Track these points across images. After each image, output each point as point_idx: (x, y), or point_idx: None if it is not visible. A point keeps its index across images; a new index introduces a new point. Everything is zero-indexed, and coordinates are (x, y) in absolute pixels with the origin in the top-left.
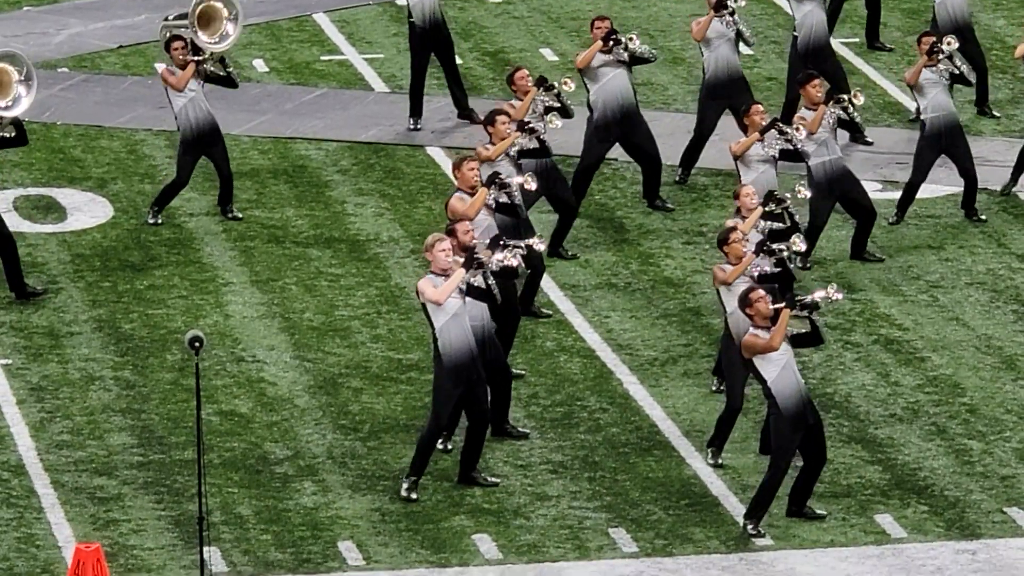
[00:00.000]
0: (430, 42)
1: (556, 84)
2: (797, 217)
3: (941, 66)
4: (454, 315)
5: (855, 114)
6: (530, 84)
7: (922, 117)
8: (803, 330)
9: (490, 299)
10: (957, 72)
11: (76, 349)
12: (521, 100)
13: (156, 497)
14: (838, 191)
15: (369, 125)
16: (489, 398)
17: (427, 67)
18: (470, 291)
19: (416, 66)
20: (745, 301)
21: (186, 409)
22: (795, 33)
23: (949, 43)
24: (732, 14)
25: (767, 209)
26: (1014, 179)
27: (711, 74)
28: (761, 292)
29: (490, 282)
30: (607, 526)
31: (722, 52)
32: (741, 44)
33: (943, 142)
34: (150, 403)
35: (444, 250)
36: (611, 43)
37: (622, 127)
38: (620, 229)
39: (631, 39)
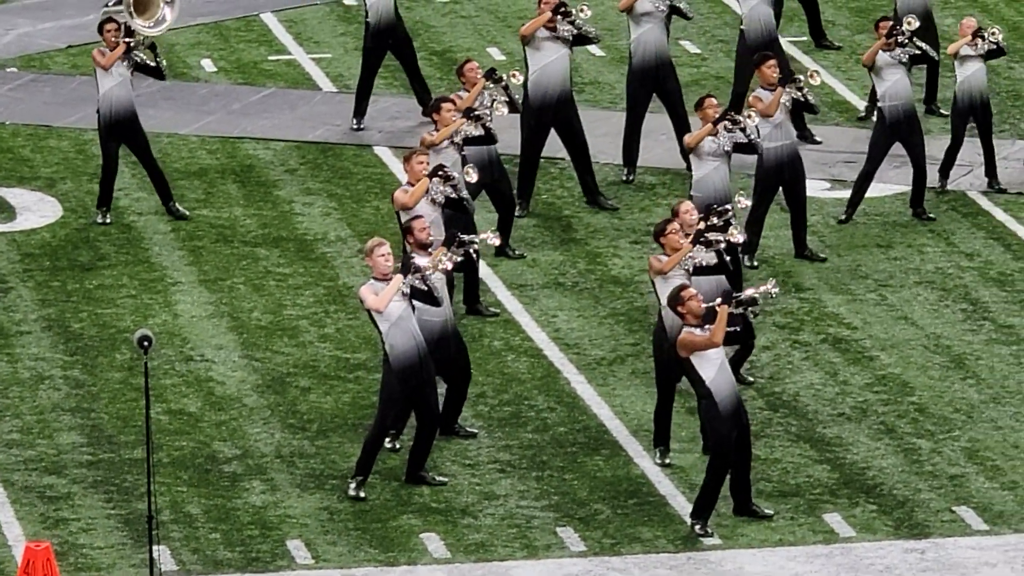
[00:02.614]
0: (385, 42)
1: (504, 77)
2: (738, 237)
3: (899, 49)
4: (398, 319)
5: (810, 95)
6: (479, 76)
7: (880, 105)
8: (734, 328)
9: (432, 301)
10: (919, 52)
11: (26, 348)
12: (469, 92)
13: (106, 496)
14: (788, 176)
15: (317, 125)
16: (439, 399)
17: (378, 69)
18: (413, 294)
19: (367, 66)
20: (677, 299)
21: (135, 408)
22: (742, 27)
23: (910, 23)
24: None
25: (710, 223)
26: (944, 176)
27: (638, 58)
28: (693, 291)
29: (431, 284)
30: (555, 525)
31: (650, 35)
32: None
33: (901, 130)
34: (99, 402)
35: (384, 255)
36: (560, 14)
37: (561, 112)
38: (567, 228)
39: (582, 10)
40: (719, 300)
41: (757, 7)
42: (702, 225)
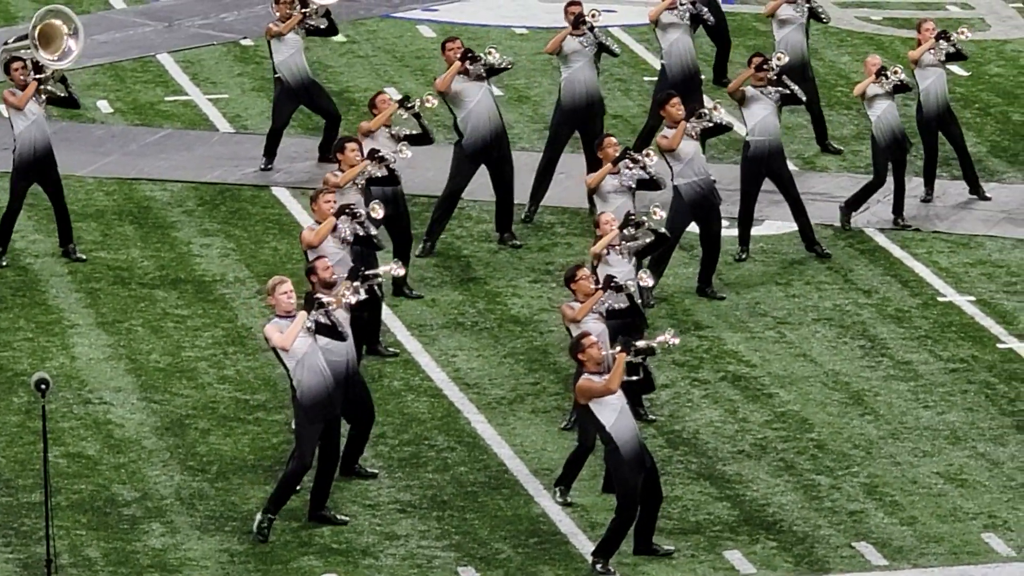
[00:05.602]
0: (297, 98)
1: (417, 102)
2: (662, 229)
3: (771, 87)
4: (304, 355)
5: (720, 120)
6: (391, 103)
7: (747, 138)
8: (635, 377)
9: (337, 336)
10: (788, 92)
11: None
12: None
13: (3, 540)
14: (703, 210)
15: (214, 165)
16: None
17: (288, 122)
18: (318, 329)
19: (279, 120)
20: (577, 347)
21: (33, 451)
22: (663, 61)
23: (779, 58)
24: (591, 29)
25: (625, 233)
26: (847, 214)
27: (566, 96)
28: (593, 338)
29: (334, 319)
30: (456, 565)
31: (580, 74)
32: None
33: (765, 166)
34: None
35: (286, 292)
36: (468, 61)
37: (493, 150)
38: (466, 268)
39: (489, 52)
40: (618, 348)
41: (678, 41)
42: (616, 234)
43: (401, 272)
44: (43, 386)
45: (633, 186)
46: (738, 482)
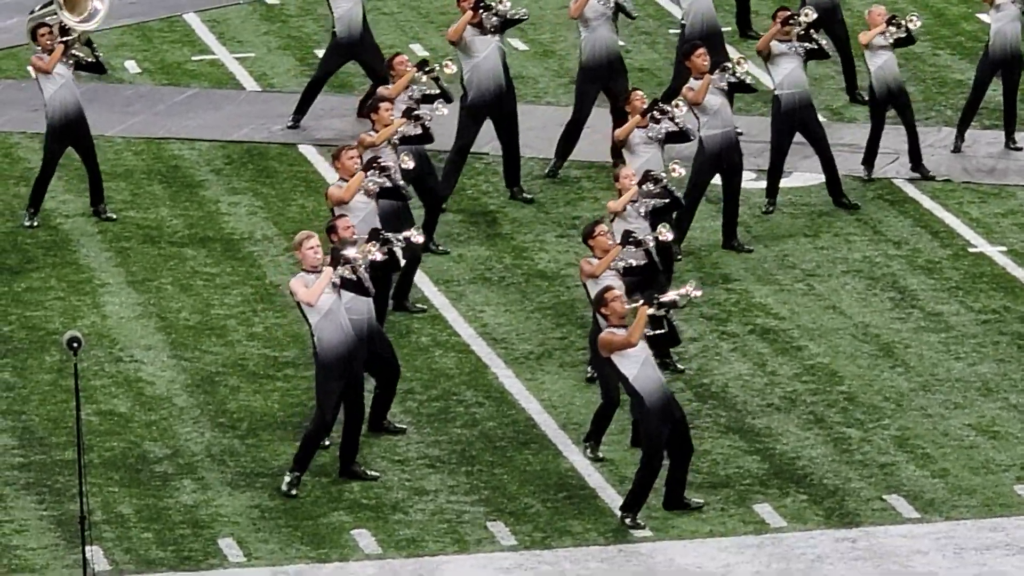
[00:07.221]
0: (350, 54)
1: (436, 67)
2: (678, 193)
3: (797, 41)
4: (328, 312)
5: (744, 76)
6: (409, 67)
7: (776, 92)
8: (659, 331)
9: (363, 291)
10: (815, 47)
11: None
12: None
13: (38, 497)
14: (726, 164)
15: (241, 124)
16: (367, 391)
17: (334, 72)
18: (344, 284)
19: (324, 71)
20: (600, 301)
21: (66, 409)
22: (683, 21)
23: (806, 15)
24: None
25: (644, 189)
26: (869, 164)
27: (588, 55)
28: (617, 292)
29: (360, 275)
30: (485, 520)
31: (600, 33)
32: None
33: (796, 119)
34: (30, 404)
35: (312, 247)
36: (481, 10)
37: (496, 106)
38: (493, 223)
39: (501, 2)
40: (640, 300)
41: (697, 1)
42: (637, 190)
43: (421, 239)
44: (75, 344)
45: (662, 138)
46: (768, 435)
